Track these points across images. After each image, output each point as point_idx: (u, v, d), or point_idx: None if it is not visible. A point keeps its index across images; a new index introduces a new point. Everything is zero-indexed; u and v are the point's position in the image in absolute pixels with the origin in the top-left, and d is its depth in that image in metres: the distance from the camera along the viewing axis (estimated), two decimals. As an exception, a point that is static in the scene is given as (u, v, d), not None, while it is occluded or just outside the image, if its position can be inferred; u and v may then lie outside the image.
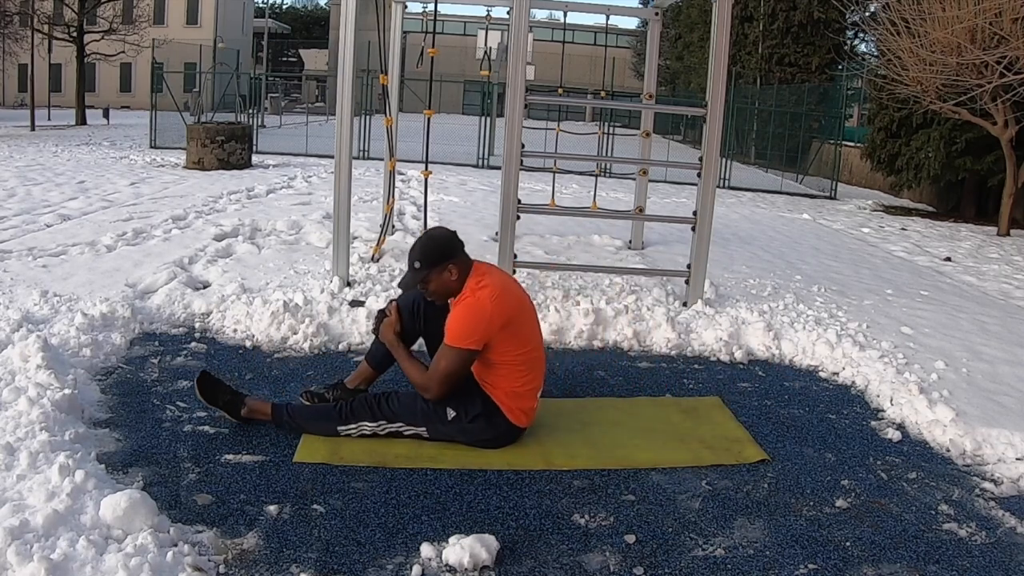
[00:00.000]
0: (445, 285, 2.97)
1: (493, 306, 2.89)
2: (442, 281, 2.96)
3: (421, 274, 2.96)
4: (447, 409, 2.95)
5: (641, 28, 29.24)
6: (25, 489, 2.30)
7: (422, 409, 2.97)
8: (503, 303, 2.93)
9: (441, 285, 2.97)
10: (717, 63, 4.80)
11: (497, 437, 2.99)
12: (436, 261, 2.95)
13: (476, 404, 2.96)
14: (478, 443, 2.98)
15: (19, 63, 28.42)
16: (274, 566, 2.18)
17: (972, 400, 3.63)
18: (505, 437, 3.00)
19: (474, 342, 2.88)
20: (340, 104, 4.72)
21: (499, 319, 2.90)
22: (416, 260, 2.98)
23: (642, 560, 2.33)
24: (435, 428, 2.97)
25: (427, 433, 2.98)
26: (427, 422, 2.97)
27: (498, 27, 11.09)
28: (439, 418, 2.96)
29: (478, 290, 2.92)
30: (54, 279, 4.77)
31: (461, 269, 2.97)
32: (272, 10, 46.33)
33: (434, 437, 2.98)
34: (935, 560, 2.42)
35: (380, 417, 2.99)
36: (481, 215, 8.15)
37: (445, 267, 2.95)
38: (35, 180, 9.45)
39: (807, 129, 17.31)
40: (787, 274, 6.12)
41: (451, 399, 2.95)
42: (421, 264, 2.96)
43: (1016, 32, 8.54)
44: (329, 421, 3.01)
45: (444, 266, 2.95)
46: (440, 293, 3.00)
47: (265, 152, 14.67)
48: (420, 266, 2.96)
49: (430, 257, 2.96)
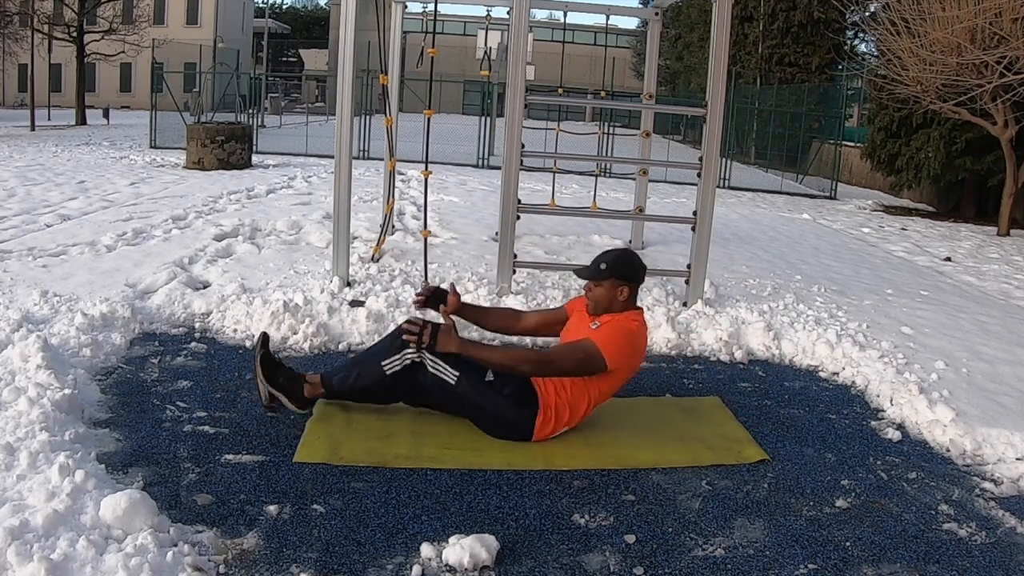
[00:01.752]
0: (609, 298, 3.12)
1: (643, 343, 3.20)
2: (612, 294, 3.12)
3: (603, 276, 3.11)
4: (489, 370, 2.99)
5: (641, 28, 29.24)
6: (25, 489, 2.30)
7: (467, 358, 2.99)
8: (644, 347, 3.23)
9: (606, 296, 3.12)
10: (717, 63, 4.80)
11: (512, 426, 3.00)
12: (621, 275, 3.11)
13: (516, 387, 2.99)
14: (492, 421, 3.00)
15: (19, 63, 28.43)
16: (274, 566, 2.18)
17: (972, 400, 3.63)
18: (516, 433, 3.01)
19: (613, 359, 3.00)
20: (340, 104, 4.72)
21: (636, 358, 3.15)
22: (605, 263, 3.13)
23: (642, 560, 2.33)
24: (466, 380, 2.98)
25: (456, 379, 2.98)
26: (464, 371, 2.99)
27: (498, 27, 11.10)
28: (476, 375, 2.99)
29: (641, 323, 3.15)
30: (54, 279, 4.77)
31: (630, 297, 3.15)
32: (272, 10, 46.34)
33: (457, 386, 2.98)
34: (935, 560, 2.42)
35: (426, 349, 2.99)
36: (481, 215, 8.15)
37: (624, 284, 3.11)
38: (35, 180, 9.45)
39: (807, 129, 17.32)
40: (787, 274, 6.12)
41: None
42: (608, 270, 3.11)
43: (1016, 32, 8.54)
44: (375, 357, 3.05)
45: (623, 283, 3.11)
46: (600, 302, 3.14)
47: (265, 152, 14.67)
48: (606, 270, 3.11)
49: (620, 269, 3.12)
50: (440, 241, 6.47)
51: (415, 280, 4.98)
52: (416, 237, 6.52)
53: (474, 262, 5.69)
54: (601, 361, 2.98)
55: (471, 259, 5.80)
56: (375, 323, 4.20)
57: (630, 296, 3.14)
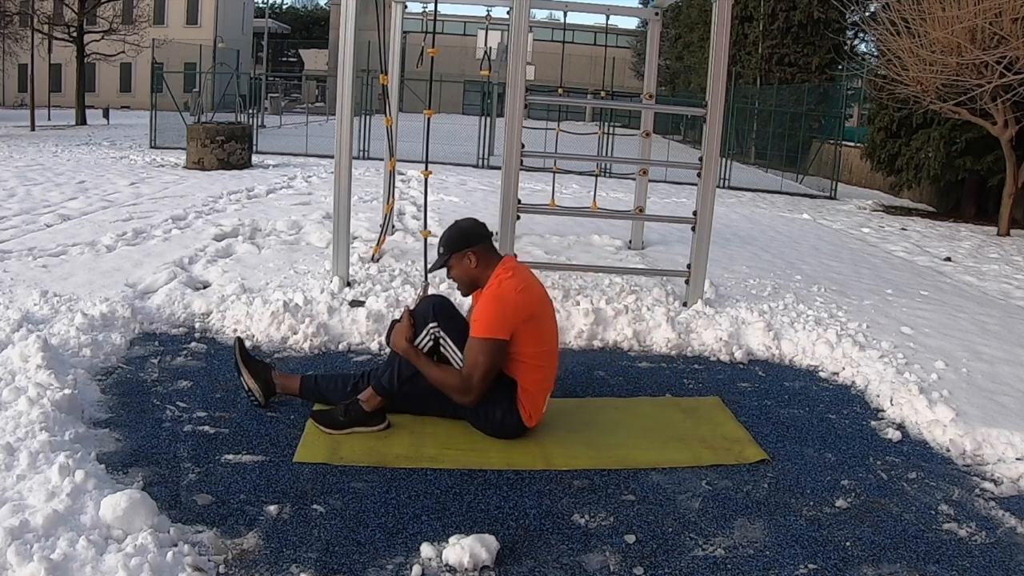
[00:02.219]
0: (467, 272, 3.06)
1: (518, 296, 2.96)
2: (463, 268, 3.06)
3: (443, 259, 3.08)
4: None
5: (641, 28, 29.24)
6: (25, 489, 2.30)
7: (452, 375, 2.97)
8: (528, 295, 2.99)
9: (463, 272, 3.07)
10: (717, 63, 4.80)
11: (504, 427, 3.00)
12: (457, 247, 3.05)
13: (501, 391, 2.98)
14: (485, 425, 3.01)
15: (19, 63, 28.44)
16: (274, 566, 2.18)
17: (972, 400, 3.63)
18: (510, 431, 3.01)
19: (503, 331, 2.91)
20: (340, 104, 4.71)
21: (524, 310, 2.95)
22: (440, 246, 3.10)
23: (642, 560, 2.33)
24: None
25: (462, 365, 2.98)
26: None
27: (498, 27, 11.09)
28: None
29: (504, 281, 2.98)
30: (54, 279, 4.77)
31: (482, 258, 3.05)
32: (272, 10, 46.33)
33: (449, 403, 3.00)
34: (935, 560, 2.42)
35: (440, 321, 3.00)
36: (481, 215, 8.05)
37: (465, 254, 3.04)
38: (35, 180, 9.44)
39: (807, 129, 17.32)
40: (787, 274, 6.12)
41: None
42: (444, 249, 3.07)
43: (1016, 32, 8.54)
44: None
45: (464, 253, 3.04)
46: (463, 280, 3.10)
47: (265, 152, 14.67)
48: (443, 251, 3.08)
49: (452, 243, 3.06)
50: (440, 241, 6.46)
51: (415, 280, 4.97)
52: (416, 237, 6.52)
53: (474, 262, 5.68)
54: (494, 344, 2.88)
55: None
56: (375, 323, 4.20)
57: (481, 258, 3.03)
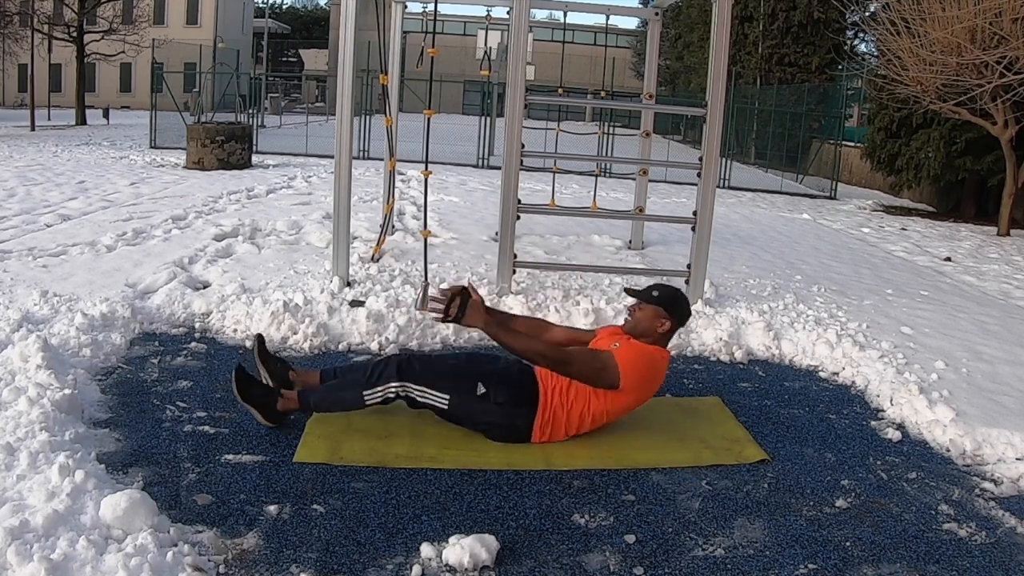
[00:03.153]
0: (651, 328, 3.17)
1: (660, 374, 3.16)
2: (653, 325, 3.16)
3: (651, 301, 3.18)
4: (478, 384, 2.97)
5: (641, 28, 29.25)
6: (25, 489, 2.30)
7: (454, 378, 2.99)
8: (660, 379, 3.19)
9: (649, 326, 3.17)
10: (717, 63, 4.80)
11: (509, 430, 2.99)
12: (670, 311, 3.18)
13: (510, 391, 2.98)
14: (489, 428, 2.99)
15: (19, 63, 28.44)
16: (274, 566, 2.18)
17: (972, 400, 3.63)
18: (514, 435, 3.00)
19: (627, 378, 3.00)
20: (340, 104, 4.71)
21: (652, 386, 3.14)
22: (658, 291, 3.22)
23: (642, 560, 2.33)
24: (458, 399, 2.97)
25: (447, 403, 2.97)
26: (453, 391, 2.97)
27: (498, 27, 11.09)
28: (468, 390, 2.97)
29: (658, 353, 3.16)
30: (54, 279, 4.77)
31: (667, 333, 3.21)
32: (272, 10, 46.32)
33: (451, 410, 2.98)
34: (935, 560, 2.42)
35: (406, 378, 2.97)
36: (481, 215, 8.14)
37: (669, 320, 3.18)
38: (35, 180, 9.45)
39: (807, 129, 17.32)
40: (787, 274, 6.12)
41: (487, 377, 2.99)
42: (659, 299, 3.18)
43: (1016, 32, 8.54)
44: (356, 388, 3.01)
45: (669, 319, 3.18)
46: (639, 328, 3.18)
47: (265, 152, 14.67)
48: (657, 297, 3.19)
49: (669, 303, 3.19)
50: (440, 241, 6.47)
51: (415, 280, 4.97)
52: (416, 237, 6.52)
53: (474, 262, 5.69)
54: (615, 375, 2.99)
55: (471, 259, 5.80)
56: (375, 323, 4.20)
57: (668, 332, 3.20)
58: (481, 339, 4.29)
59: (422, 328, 4.24)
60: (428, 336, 4.22)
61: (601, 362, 3.01)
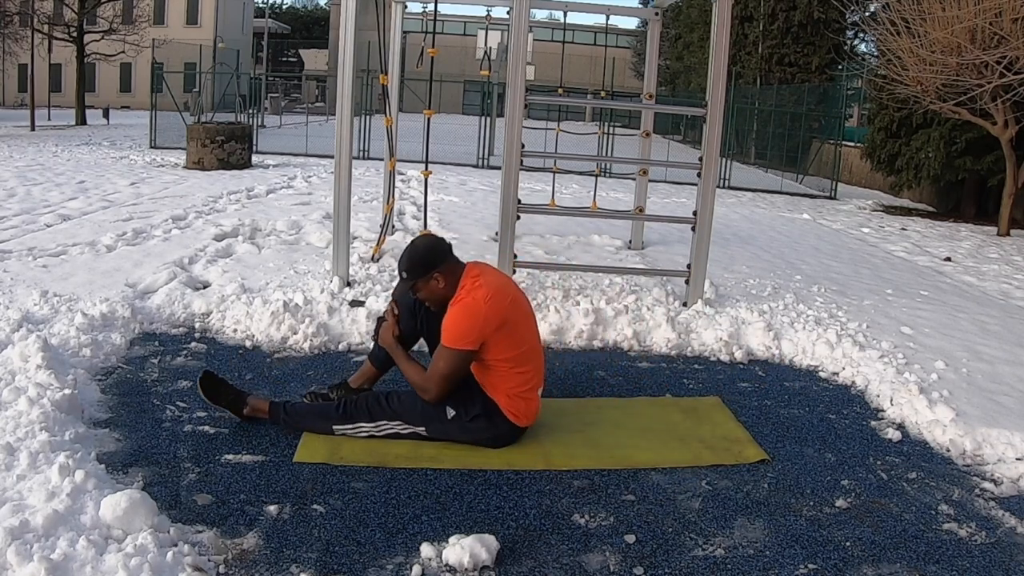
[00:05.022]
0: (435, 292, 3.01)
1: (487, 307, 2.89)
2: (431, 289, 3.00)
3: (409, 283, 3.02)
4: (447, 408, 2.96)
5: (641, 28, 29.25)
6: (25, 489, 2.30)
7: (422, 408, 2.98)
8: (497, 303, 2.93)
9: (431, 292, 3.01)
10: (717, 63, 4.80)
11: (497, 436, 2.99)
12: (421, 272, 2.98)
13: (476, 404, 2.97)
14: (479, 442, 2.98)
15: (19, 63, 28.44)
16: (274, 566, 2.18)
17: (972, 400, 3.63)
18: (506, 437, 3.00)
19: (470, 342, 2.89)
20: (340, 104, 4.71)
21: (495, 319, 2.90)
22: (403, 271, 3.03)
23: (642, 560, 2.33)
24: (435, 427, 2.98)
25: (427, 432, 2.98)
26: (426, 421, 2.98)
27: (498, 27, 11.09)
28: (439, 417, 2.97)
29: (473, 291, 2.93)
30: (54, 279, 4.77)
31: (448, 275, 2.99)
32: (272, 10, 46.32)
33: (433, 436, 2.98)
34: (935, 560, 2.42)
35: (379, 417, 2.99)
36: (481, 215, 8.14)
37: (431, 276, 2.98)
38: (35, 180, 9.44)
39: (807, 129, 17.32)
40: (787, 274, 6.12)
41: (451, 398, 2.96)
42: (408, 275, 3.01)
43: (1016, 32, 8.54)
44: (326, 420, 3.02)
45: (430, 275, 2.98)
46: (433, 300, 3.04)
47: (265, 152, 14.67)
48: (407, 276, 3.02)
49: (415, 268, 2.99)
50: (440, 241, 6.45)
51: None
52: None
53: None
54: (458, 354, 2.88)
55: (471, 259, 5.76)
56: (375, 323, 4.19)
57: (446, 276, 2.97)
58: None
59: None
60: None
61: (443, 357, 2.88)
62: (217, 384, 3.09)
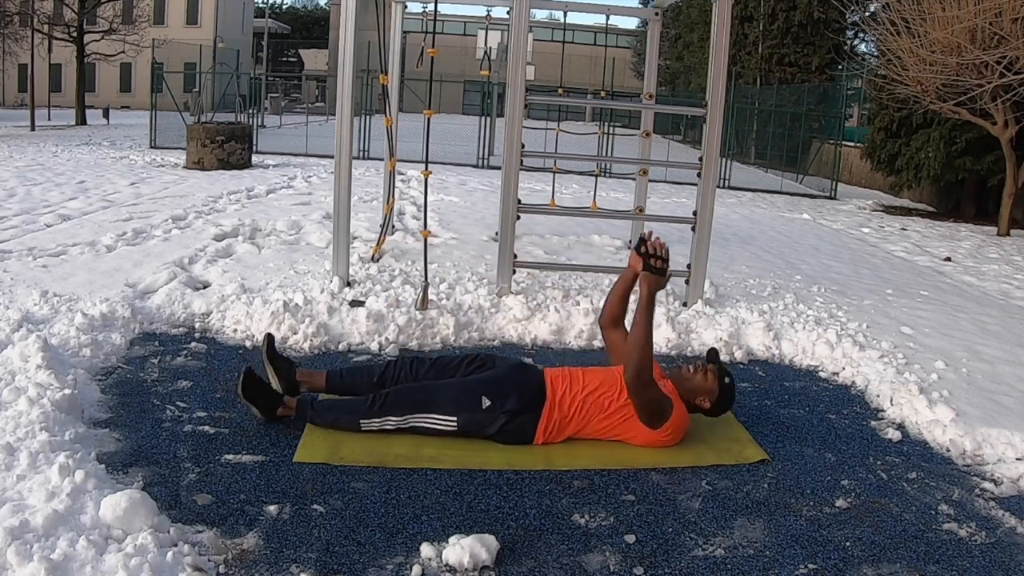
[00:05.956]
0: (694, 395, 3.14)
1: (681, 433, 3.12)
2: (697, 395, 3.14)
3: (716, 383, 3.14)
4: (482, 397, 2.99)
5: (641, 28, 29.24)
6: (25, 489, 2.30)
7: (455, 398, 3.01)
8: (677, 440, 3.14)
9: (695, 392, 3.14)
10: (717, 63, 4.80)
11: (515, 434, 3.01)
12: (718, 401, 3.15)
13: (516, 397, 3.00)
14: (496, 435, 3.00)
15: (19, 63, 28.46)
16: (274, 566, 2.17)
17: (972, 400, 3.63)
18: (520, 438, 3.02)
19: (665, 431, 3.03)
20: (340, 104, 4.71)
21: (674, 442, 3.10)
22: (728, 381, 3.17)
23: (642, 560, 2.33)
24: (466, 416, 2.99)
25: (455, 423, 2.99)
26: (459, 410, 3.00)
27: (498, 27, 11.09)
28: (473, 406, 2.99)
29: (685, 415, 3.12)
30: (54, 279, 4.77)
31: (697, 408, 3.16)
32: (272, 10, 46.33)
33: (461, 427, 2.99)
34: (935, 560, 2.42)
35: (410, 410, 3.00)
36: (481, 215, 8.14)
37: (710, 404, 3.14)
38: (35, 180, 9.44)
39: (807, 129, 17.32)
40: (787, 274, 6.12)
41: (489, 390, 3.00)
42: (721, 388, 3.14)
43: (1016, 32, 8.54)
44: (354, 415, 3.03)
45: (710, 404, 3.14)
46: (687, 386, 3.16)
47: (265, 152, 14.67)
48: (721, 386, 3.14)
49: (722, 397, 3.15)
50: (440, 241, 6.47)
51: (415, 280, 4.97)
52: (416, 237, 6.52)
53: (474, 262, 5.69)
54: (662, 423, 3.01)
55: (471, 259, 5.80)
56: (375, 323, 4.19)
57: (696, 407, 3.16)
58: (481, 339, 4.31)
59: (422, 328, 4.24)
60: (428, 336, 4.22)
61: (661, 407, 3.02)
62: (256, 383, 3.08)
